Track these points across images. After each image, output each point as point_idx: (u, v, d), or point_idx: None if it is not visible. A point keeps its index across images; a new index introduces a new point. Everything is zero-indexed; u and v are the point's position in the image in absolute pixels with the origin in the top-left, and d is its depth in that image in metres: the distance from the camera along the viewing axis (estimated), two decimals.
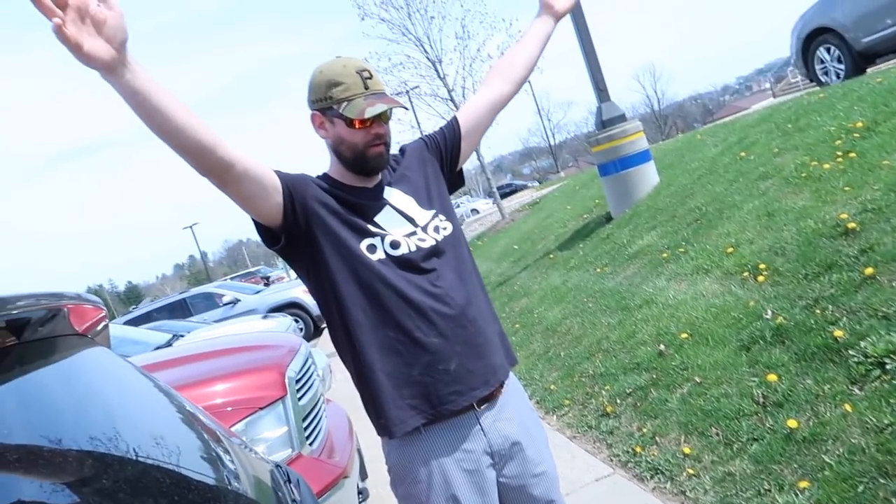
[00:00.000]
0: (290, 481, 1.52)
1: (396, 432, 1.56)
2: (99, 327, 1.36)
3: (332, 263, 1.57)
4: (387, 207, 1.65)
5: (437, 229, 1.66)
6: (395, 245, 1.59)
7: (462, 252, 1.70)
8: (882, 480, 2.04)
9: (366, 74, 1.59)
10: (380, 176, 1.70)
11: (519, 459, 1.66)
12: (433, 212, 1.69)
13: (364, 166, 1.63)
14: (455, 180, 1.86)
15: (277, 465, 1.58)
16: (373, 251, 1.58)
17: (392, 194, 1.68)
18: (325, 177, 1.68)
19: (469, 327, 1.61)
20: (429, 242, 1.63)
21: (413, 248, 1.60)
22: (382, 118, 1.60)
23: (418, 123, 18.41)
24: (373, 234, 1.59)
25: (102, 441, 1.11)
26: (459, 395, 1.57)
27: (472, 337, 1.61)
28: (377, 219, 1.62)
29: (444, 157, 1.81)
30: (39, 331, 1.16)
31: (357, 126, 1.58)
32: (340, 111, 1.57)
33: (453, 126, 1.83)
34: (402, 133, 19.37)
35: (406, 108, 1.71)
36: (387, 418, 1.56)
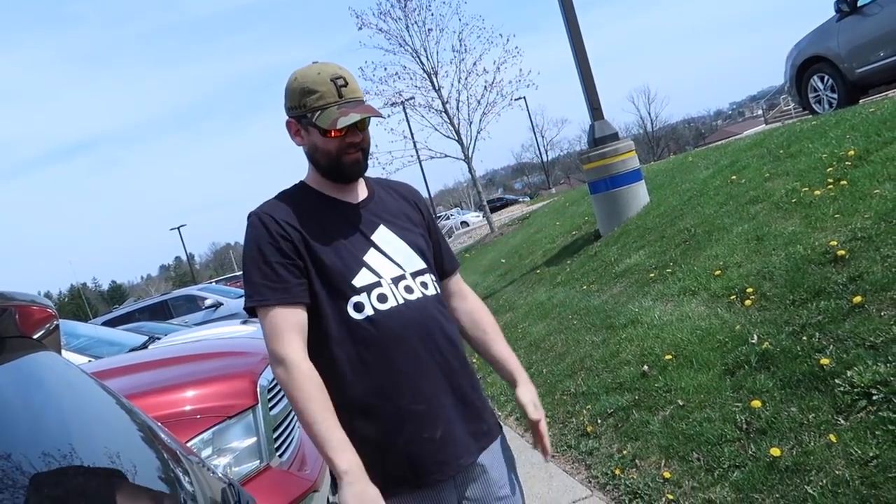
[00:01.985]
0: (239, 502, 1.44)
1: None
2: (45, 330, 1.28)
3: (313, 320, 1.51)
4: (371, 250, 1.57)
5: (424, 285, 1.59)
6: (382, 299, 1.51)
7: (446, 315, 1.64)
8: None
9: (340, 82, 1.52)
10: (366, 193, 1.64)
11: (482, 481, 1.60)
12: (424, 266, 1.63)
13: (340, 173, 1.58)
14: None
15: (231, 485, 1.50)
16: (359, 310, 1.50)
17: (381, 233, 1.60)
18: (301, 188, 1.62)
19: (455, 393, 1.56)
20: (416, 295, 1.56)
21: (400, 301, 1.53)
22: (358, 126, 1.54)
23: (412, 134, 18.42)
24: (358, 291, 1.51)
25: (56, 458, 1.03)
26: (445, 465, 1.51)
27: (458, 403, 1.56)
28: (366, 258, 1.55)
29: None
30: None
31: (331, 135, 1.52)
32: (314, 120, 1.52)
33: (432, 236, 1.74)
34: (394, 143, 19.39)
35: (382, 117, 1.63)
36: None
